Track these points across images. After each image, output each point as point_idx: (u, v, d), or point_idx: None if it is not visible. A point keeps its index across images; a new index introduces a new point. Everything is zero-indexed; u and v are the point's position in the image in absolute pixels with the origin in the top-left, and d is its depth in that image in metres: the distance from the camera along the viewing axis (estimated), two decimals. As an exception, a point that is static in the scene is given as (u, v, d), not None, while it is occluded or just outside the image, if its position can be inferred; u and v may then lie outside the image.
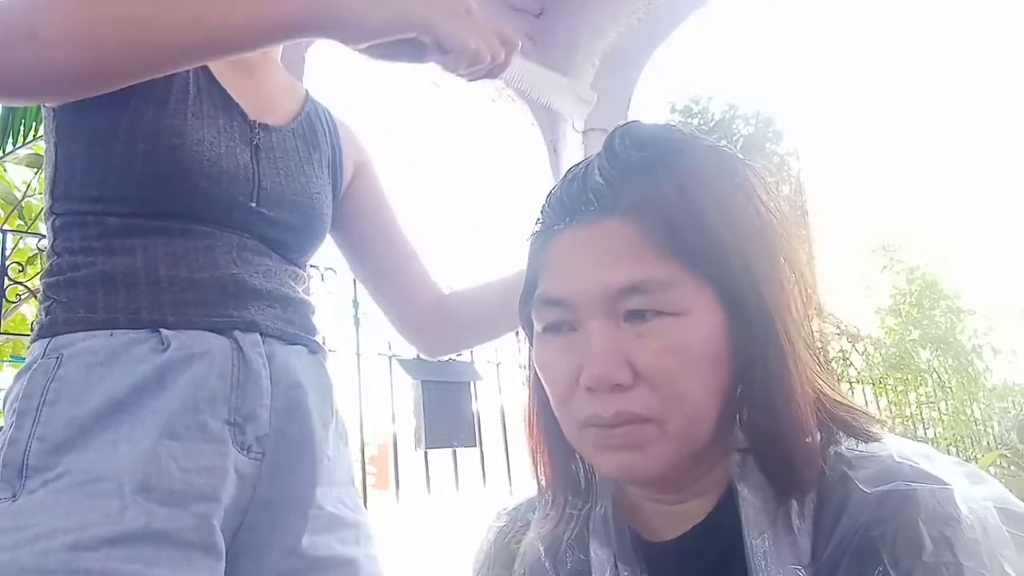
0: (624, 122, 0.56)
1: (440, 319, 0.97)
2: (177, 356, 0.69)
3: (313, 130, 0.90)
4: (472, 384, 2.56)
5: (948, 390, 6.60)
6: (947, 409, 6.27)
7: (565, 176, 0.56)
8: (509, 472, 2.67)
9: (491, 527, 0.67)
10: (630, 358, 0.49)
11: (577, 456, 0.59)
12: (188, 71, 0.76)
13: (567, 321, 0.53)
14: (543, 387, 0.56)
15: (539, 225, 0.58)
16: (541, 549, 0.60)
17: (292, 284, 0.83)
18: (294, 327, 0.80)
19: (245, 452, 0.71)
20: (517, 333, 0.62)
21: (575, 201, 0.54)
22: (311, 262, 1.78)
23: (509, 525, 0.66)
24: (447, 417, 2.42)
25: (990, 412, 6.71)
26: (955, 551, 0.43)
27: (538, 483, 0.62)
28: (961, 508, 0.45)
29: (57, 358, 0.68)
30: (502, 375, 2.77)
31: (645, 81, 2.63)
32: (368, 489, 2.42)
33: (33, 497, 0.62)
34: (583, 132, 2.52)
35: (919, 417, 5.81)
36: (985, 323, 8.51)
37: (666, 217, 0.50)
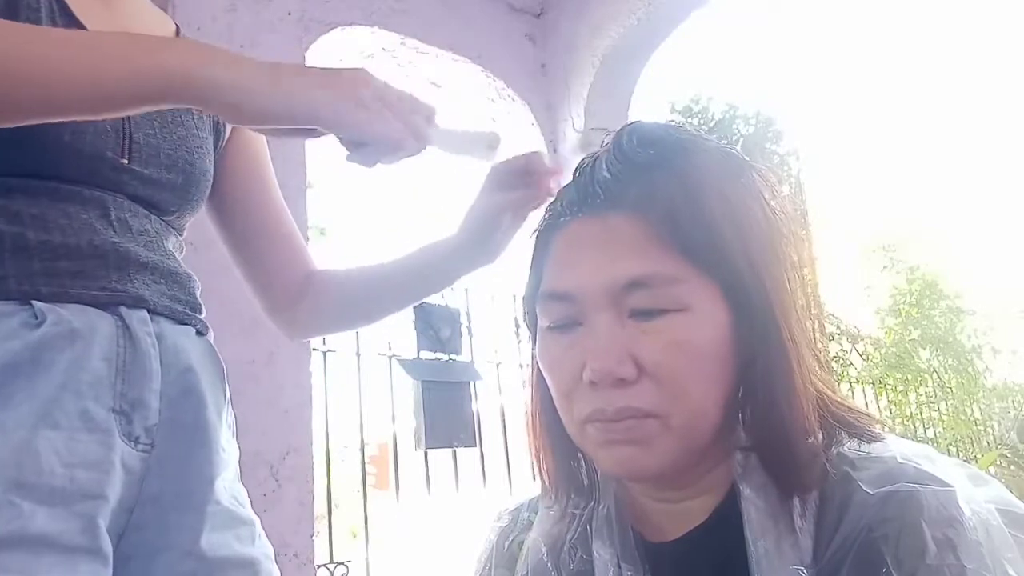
0: (632, 121, 0.56)
1: (308, 296, 0.88)
2: (54, 332, 0.61)
3: None
4: (472, 384, 2.56)
5: (948, 390, 6.61)
6: (947, 409, 6.28)
7: (574, 172, 0.56)
8: (509, 472, 2.66)
9: (493, 527, 0.67)
10: (634, 353, 0.49)
11: (579, 454, 0.59)
12: (40, 1, 0.66)
13: (572, 315, 0.53)
14: (546, 384, 0.56)
15: (545, 219, 0.58)
16: (544, 549, 0.60)
17: (175, 255, 0.75)
18: (181, 305, 0.73)
19: (132, 444, 0.64)
20: (517, 332, 0.59)
21: (582, 194, 0.54)
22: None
23: (511, 525, 0.66)
24: (447, 417, 2.42)
25: (990, 412, 6.72)
26: (958, 553, 0.43)
27: (540, 481, 0.62)
28: (964, 510, 0.45)
29: None
30: (502, 375, 2.77)
31: (645, 81, 2.63)
32: (368, 489, 2.42)
33: None
34: (583, 132, 2.52)
35: (919, 417, 5.81)
36: (985, 323, 8.51)
37: (672, 213, 0.50)
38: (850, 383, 5.06)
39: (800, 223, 0.56)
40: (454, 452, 2.50)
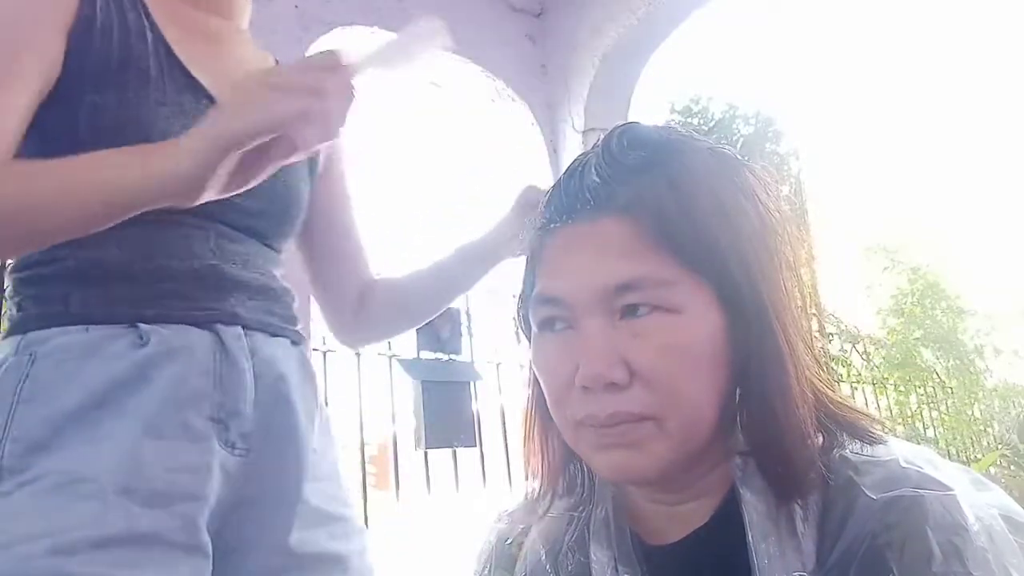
0: (622, 123, 0.56)
1: (364, 308, 0.95)
2: (157, 352, 0.67)
3: None
4: (472, 384, 2.56)
5: (949, 390, 6.60)
6: (948, 409, 6.28)
7: (562, 175, 0.56)
8: (509, 472, 2.66)
9: (491, 528, 0.67)
10: (626, 357, 0.49)
11: (576, 457, 0.59)
12: (145, 45, 0.72)
13: (564, 319, 0.53)
14: (541, 388, 0.55)
15: (536, 224, 0.58)
16: (542, 551, 0.59)
17: (273, 272, 0.81)
18: (276, 318, 0.78)
19: (230, 449, 0.70)
20: (517, 332, 0.60)
21: (572, 199, 0.54)
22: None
23: (510, 527, 0.65)
24: (447, 417, 2.42)
25: (991, 412, 6.72)
26: (964, 560, 0.43)
27: (538, 484, 0.61)
28: (968, 515, 0.45)
29: (30, 355, 0.65)
30: (502, 375, 2.77)
31: (645, 81, 2.63)
32: (368, 489, 2.42)
33: (9, 500, 0.60)
34: (583, 132, 2.51)
35: (919, 417, 5.81)
36: (987, 323, 8.51)
37: (662, 215, 0.50)
38: (851, 384, 5.06)
39: (797, 222, 0.56)
40: (454, 452, 2.49)
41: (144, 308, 0.69)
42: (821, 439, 0.52)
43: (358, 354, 2.44)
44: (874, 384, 5.42)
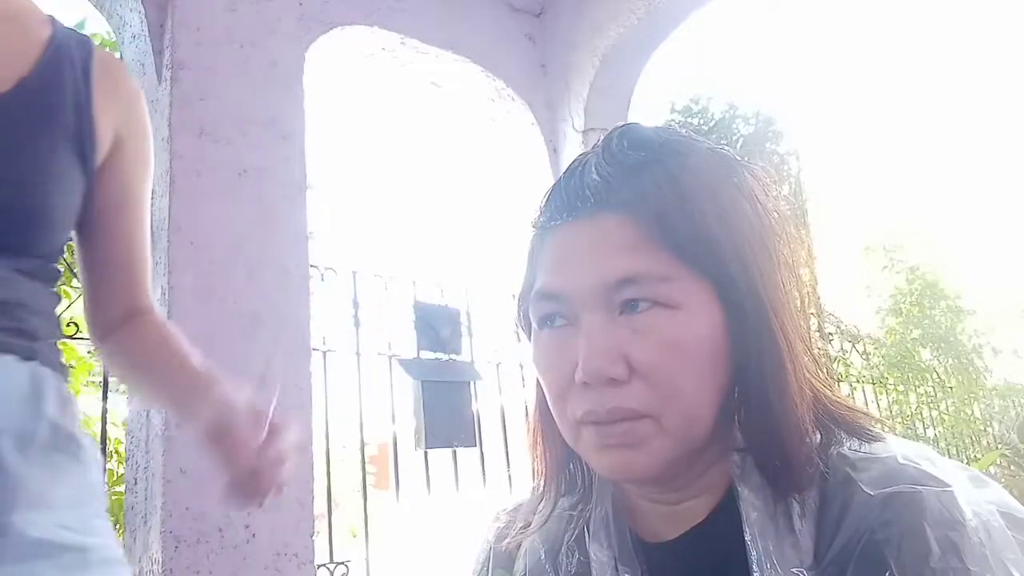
0: (622, 123, 0.56)
1: (120, 332, 0.89)
2: None
3: (50, 92, 0.78)
4: (472, 384, 2.56)
5: (949, 390, 6.61)
6: (948, 409, 6.28)
7: (562, 174, 0.56)
8: (509, 472, 2.67)
9: (490, 527, 0.67)
10: (626, 352, 0.49)
11: (576, 456, 0.59)
12: None
13: (564, 315, 0.53)
14: (541, 386, 0.56)
15: (536, 223, 0.58)
16: (541, 550, 0.59)
17: (13, 283, 0.74)
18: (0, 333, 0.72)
19: None
20: (517, 332, 0.58)
21: (572, 198, 0.54)
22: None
23: (508, 526, 0.66)
24: (447, 417, 2.42)
25: (991, 412, 6.72)
26: (962, 556, 0.43)
27: (538, 483, 0.62)
28: (965, 511, 0.45)
29: None
30: (502, 375, 2.77)
31: (645, 81, 2.63)
32: (368, 489, 2.42)
33: None
34: (583, 132, 2.52)
35: (919, 416, 5.81)
36: (986, 323, 8.52)
37: (662, 213, 0.50)
38: (851, 383, 5.06)
39: (796, 222, 0.56)
40: (454, 452, 2.50)
41: None
42: (819, 437, 0.52)
43: (358, 354, 2.44)
44: (874, 383, 5.42)
